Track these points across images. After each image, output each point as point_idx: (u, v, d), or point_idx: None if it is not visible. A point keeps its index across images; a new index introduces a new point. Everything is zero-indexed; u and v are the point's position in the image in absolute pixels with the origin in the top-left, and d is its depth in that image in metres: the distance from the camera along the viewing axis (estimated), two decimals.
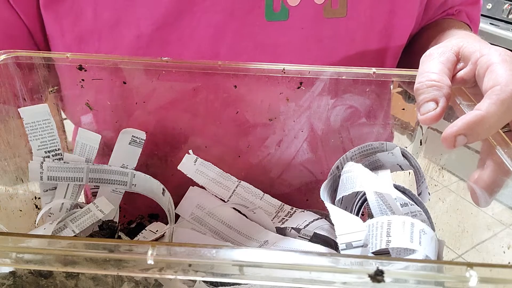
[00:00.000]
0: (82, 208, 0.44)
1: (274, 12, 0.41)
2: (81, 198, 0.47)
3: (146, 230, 0.45)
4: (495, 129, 0.31)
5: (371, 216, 0.41)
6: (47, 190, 0.45)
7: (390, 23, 0.45)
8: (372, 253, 0.35)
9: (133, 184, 0.46)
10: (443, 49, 0.36)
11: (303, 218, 0.45)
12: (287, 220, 0.46)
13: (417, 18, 0.49)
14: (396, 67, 0.50)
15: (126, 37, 0.42)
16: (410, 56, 0.50)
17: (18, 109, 0.42)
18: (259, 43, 0.43)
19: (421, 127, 0.47)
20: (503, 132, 0.33)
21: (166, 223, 0.45)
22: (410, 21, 0.47)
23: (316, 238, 0.44)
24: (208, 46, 0.42)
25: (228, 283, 0.36)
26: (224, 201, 0.47)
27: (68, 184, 0.45)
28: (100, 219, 0.44)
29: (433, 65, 0.35)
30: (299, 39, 0.43)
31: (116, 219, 0.47)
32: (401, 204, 0.39)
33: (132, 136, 0.45)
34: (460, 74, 0.36)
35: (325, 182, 0.44)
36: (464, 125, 0.30)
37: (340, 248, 0.35)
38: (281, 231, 0.45)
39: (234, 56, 0.43)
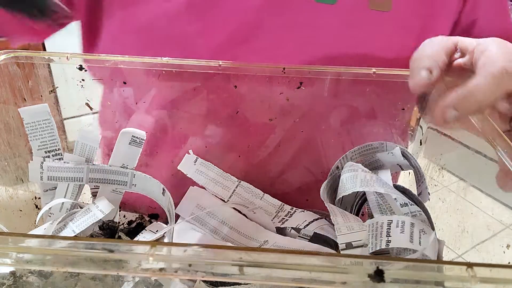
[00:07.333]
0: (82, 208, 0.44)
1: None
2: (81, 198, 0.47)
3: (146, 230, 0.45)
4: (485, 103, 0.31)
5: (371, 216, 0.41)
6: (47, 190, 0.45)
7: (427, 27, 0.45)
8: (372, 253, 0.35)
9: (133, 184, 0.46)
10: (442, 38, 0.37)
11: (303, 218, 0.45)
12: (287, 220, 0.46)
13: None
14: None
15: None
16: None
17: (18, 109, 0.42)
18: (301, 21, 0.43)
19: (421, 127, 0.47)
20: (503, 132, 0.33)
21: (166, 223, 0.45)
22: (444, 33, 0.47)
23: (316, 238, 0.44)
24: (252, 16, 0.43)
25: (228, 283, 0.36)
26: (224, 201, 0.47)
27: (68, 184, 0.45)
28: (100, 219, 0.44)
29: (432, 45, 0.36)
30: (341, 24, 0.44)
31: (116, 219, 0.47)
32: (401, 204, 0.39)
33: (132, 136, 0.45)
34: (458, 61, 0.37)
35: (325, 182, 0.44)
36: (453, 98, 0.30)
37: (340, 248, 0.35)
38: (281, 231, 0.45)
39: (273, 29, 0.43)
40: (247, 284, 0.35)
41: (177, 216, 0.47)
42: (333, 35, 0.44)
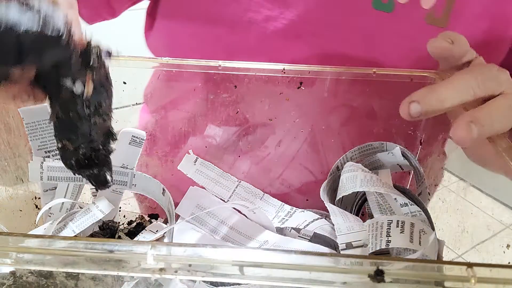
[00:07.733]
0: (82, 208, 0.44)
1: (382, 2, 0.42)
2: (81, 198, 0.47)
3: (146, 230, 0.45)
4: (447, 102, 0.31)
5: (371, 216, 0.41)
6: (47, 190, 0.45)
7: (482, 52, 0.43)
8: (372, 253, 0.35)
9: (133, 184, 0.46)
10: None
11: (303, 218, 0.45)
12: (287, 220, 0.46)
13: None
14: None
15: None
16: None
17: (18, 109, 0.42)
18: (355, 25, 0.43)
19: None
20: None
21: (166, 223, 0.45)
22: (502, 53, 0.46)
23: (316, 238, 0.44)
24: (312, 13, 0.43)
25: (228, 283, 0.36)
26: (224, 201, 0.47)
27: (68, 184, 0.45)
28: (100, 219, 0.44)
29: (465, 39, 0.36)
30: (394, 34, 0.44)
31: (116, 219, 0.47)
32: (401, 204, 0.39)
33: (132, 136, 0.45)
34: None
35: (325, 182, 0.44)
36: (418, 93, 0.31)
37: (340, 248, 0.35)
38: (281, 231, 0.45)
39: (327, 28, 0.43)
40: (247, 284, 0.35)
41: (177, 216, 0.47)
42: (385, 43, 0.44)
